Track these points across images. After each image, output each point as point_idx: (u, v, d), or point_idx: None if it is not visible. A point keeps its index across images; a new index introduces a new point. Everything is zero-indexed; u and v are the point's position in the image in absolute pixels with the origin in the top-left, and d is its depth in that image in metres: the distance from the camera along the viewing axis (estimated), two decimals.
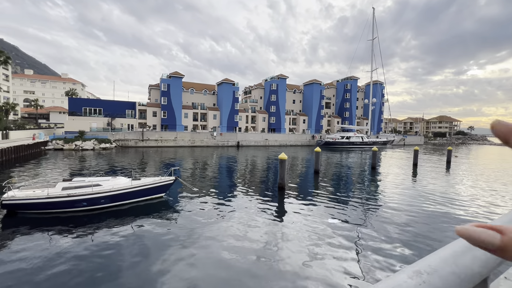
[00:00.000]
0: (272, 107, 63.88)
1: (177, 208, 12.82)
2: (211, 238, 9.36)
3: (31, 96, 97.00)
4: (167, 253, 8.32)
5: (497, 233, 0.25)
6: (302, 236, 9.43)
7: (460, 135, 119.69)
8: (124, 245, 8.80)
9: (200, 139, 49.67)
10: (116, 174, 19.67)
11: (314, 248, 8.46)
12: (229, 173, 22.95)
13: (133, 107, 52.46)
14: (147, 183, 13.00)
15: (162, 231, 9.93)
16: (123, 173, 19.43)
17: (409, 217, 11.66)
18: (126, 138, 44.18)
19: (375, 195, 15.91)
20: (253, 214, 11.84)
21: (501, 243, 0.24)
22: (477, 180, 21.29)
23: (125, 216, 11.53)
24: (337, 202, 13.97)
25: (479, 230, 0.25)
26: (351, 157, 38.78)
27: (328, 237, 9.39)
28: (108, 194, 11.82)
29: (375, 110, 76.39)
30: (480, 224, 0.26)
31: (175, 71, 53.31)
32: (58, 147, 37.03)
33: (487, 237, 0.25)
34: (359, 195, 15.58)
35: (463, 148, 72.05)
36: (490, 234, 0.25)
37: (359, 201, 14.34)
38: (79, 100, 51.09)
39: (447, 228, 10.57)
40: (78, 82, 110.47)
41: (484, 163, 35.55)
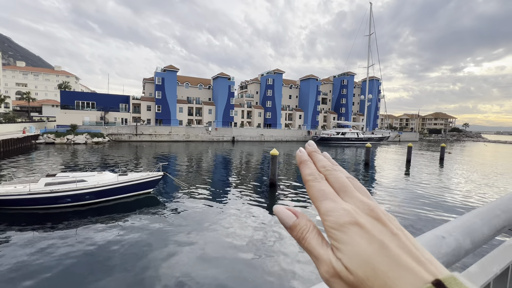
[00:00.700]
0: (268, 102, 63.49)
1: (165, 204, 12.63)
2: (198, 234, 9.23)
3: (24, 88, 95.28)
4: (154, 249, 8.18)
5: (293, 215, 0.30)
6: (285, 233, 9.30)
7: (455, 132, 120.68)
8: (109, 242, 8.63)
9: (195, 134, 49.26)
10: (105, 169, 19.36)
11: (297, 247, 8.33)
12: (221, 169, 22.75)
13: (127, 101, 51.70)
14: (134, 179, 12.74)
15: (149, 227, 9.77)
16: (112, 168, 19.11)
17: (398, 214, 11.61)
18: (120, 132, 43.63)
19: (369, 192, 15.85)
20: (242, 211, 11.69)
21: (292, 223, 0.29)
22: (468, 177, 21.38)
23: (111, 212, 11.32)
24: None
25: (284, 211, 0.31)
26: (345, 153, 38.80)
27: None
28: (93, 190, 11.56)
29: (371, 106, 76.40)
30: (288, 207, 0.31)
31: (170, 65, 52.49)
32: (50, 141, 36.40)
33: (286, 218, 0.30)
34: None
35: (457, 145, 72.65)
36: (289, 216, 0.30)
37: None
38: (72, 93, 50.16)
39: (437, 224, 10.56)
40: (71, 75, 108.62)
41: (477, 160, 35.82)
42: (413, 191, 16.13)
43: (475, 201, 14.37)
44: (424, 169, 24.88)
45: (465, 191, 16.72)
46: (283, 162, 27.66)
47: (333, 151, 41.67)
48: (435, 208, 12.79)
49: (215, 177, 19.02)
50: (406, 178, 20.47)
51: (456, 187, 17.58)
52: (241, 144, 47.24)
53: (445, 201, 14.16)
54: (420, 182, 18.90)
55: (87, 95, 50.76)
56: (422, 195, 15.18)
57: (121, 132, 43.70)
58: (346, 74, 74.74)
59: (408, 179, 20.04)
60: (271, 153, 15.80)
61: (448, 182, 19.02)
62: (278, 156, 15.75)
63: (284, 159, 30.02)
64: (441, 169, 25.54)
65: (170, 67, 51.92)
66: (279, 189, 15.47)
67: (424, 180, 19.65)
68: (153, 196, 13.57)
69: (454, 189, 17.09)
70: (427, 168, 25.85)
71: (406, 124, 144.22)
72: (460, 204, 13.66)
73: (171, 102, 52.33)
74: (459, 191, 16.49)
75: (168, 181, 16.08)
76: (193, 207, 12.08)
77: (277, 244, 8.52)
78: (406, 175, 22.05)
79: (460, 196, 15.29)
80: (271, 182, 15.88)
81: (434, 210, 12.49)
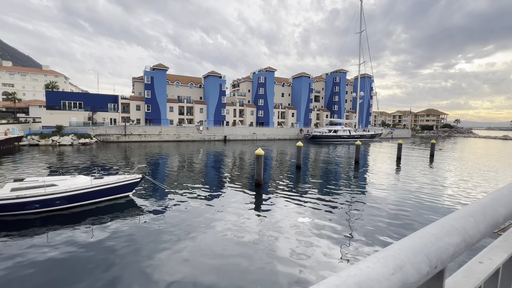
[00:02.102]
0: (260, 100, 62.97)
1: (144, 208, 12.06)
2: (177, 239, 8.81)
3: (10, 89, 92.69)
4: (129, 256, 7.73)
5: None
6: (266, 236, 8.84)
7: (447, 128, 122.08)
8: (80, 248, 8.13)
9: (185, 134, 48.50)
10: (87, 172, 18.65)
11: (276, 249, 7.89)
12: (208, 169, 22.20)
13: (116, 100, 50.56)
14: (109, 182, 12.14)
15: (125, 233, 9.27)
16: (93, 171, 18.39)
17: (387, 212, 11.28)
18: (108, 133, 42.62)
19: (355, 190, 15.52)
20: (225, 213, 11.23)
21: None
22: (459, 173, 21.29)
23: (85, 218, 10.70)
24: (315, 198, 13.49)
25: None
26: (337, 151, 38.60)
27: (295, 237, 8.85)
28: (64, 195, 10.93)
29: (363, 104, 76.55)
30: None
31: (159, 63, 51.47)
32: (34, 142, 35.27)
33: None
34: (338, 191, 15.16)
35: (448, 141, 73.34)
36: None
37: (337, 197, 13.91)
38: (58, 93, 48.79)
39: (426, 220, 10.23)
40: (60, 75, 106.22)
41: (467, 155, 35.99)
42: (403, 188, 15.86)
43: (462, 200, 14.16)
44: (414, 166, 24.75)
45: (453, 188, 16.53)
46: (274, 161, 27.24)
47: (325, 149, 41.44)
48: (421, 207, 12.51)
49: (201, 178, 18.47)
50: (395, 176, 20.25)
51: (444, 184, 17.39)
52: (233, 143, 46.69)
53: (432, 200, 13.91)
54: (409, 179, 18.68)
55: (74, 95, 49.47)
56: (410, 193, 14.92)
57: (109, 133, 42.69)
58: (339, 72, 74.65)
59: (397, 177, 19.82)
60: (256, 152, 15.36)
61: (437, 179, 18.84)
62: (262, 156, 15.31)
63: (276, 158, 29.61)
64: (431, 166, 25.45)
65: (159, 66, 50.92)
66: (265, 189, 15.03)
67: (413, 177, 19.46)
68: (131, 199, 12.98)
69: (442, 186, 16.90)
70: (417, 165, 25.73)
71: (399, 121, 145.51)
72: (446, 203, 13.42)
73: (161, 101, 51.39)
74: (447, 189, 16.29)
75: (150, 184, 15.49)
76: (173, 210, 11.57)
77: (261, 246, 8.06)
78: (396, 172, 21.85)
79: (447, 195, 15.08)
80: (257, 182, 15.45)
81: (420, 209, 12.20)
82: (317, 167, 24.14)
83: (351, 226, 9.95)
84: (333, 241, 8.71)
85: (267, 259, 7.54)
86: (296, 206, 12.24)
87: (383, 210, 11.91)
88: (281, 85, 70.82)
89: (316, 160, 29.04)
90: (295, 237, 8.92)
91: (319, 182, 17.44)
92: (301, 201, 13.02)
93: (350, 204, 12.88)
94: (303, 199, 13.35)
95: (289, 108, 69.06)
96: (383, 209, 12.05)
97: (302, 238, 8.82)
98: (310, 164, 25.76)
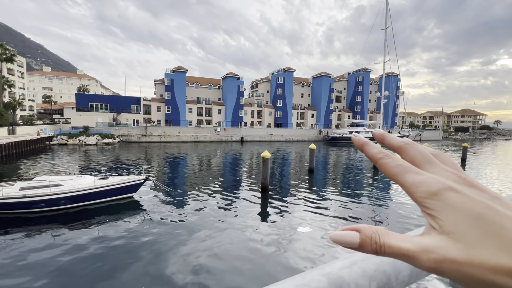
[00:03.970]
0: (278, 101, 62.07)
1: (147, 209, 12.02)
2: (179, 242, 8.67)
3: (49, 92, 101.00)
4: (133, 257, 7.70)
5: (357, 233, 0.26)
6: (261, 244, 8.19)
7: (485, 129, 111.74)
8: (83, 248, 8.23)
9: (203, 134, 49.12)
10: (89, 172, 19.28)
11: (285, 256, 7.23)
12: (219, 171, 21.96)
13: (138, 102, 52.70)
14: (113, 183, 12.25)
15: (128, 234, 9.29)
16: (98, 171, 18.93)
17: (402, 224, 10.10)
18: (130, 133, 44.43)
19: (371, 198, 14.29)
20: (227, 217, 10.84)
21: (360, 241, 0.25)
22: (494, 181, 18.90)
23: (88, 217, 10.87)
24: (324, 206, 12.57)
25: (343, 233, 0.26)
26: (357, 155, 36.63)
27: (290, 249, 8.11)
28: (68, 195, 11.18)
29: (388, 104, 72.44)
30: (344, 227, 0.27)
31: (179, 66, 52.79)
32: (63, 142, 37.73)
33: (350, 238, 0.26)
34: (351, 198, 14.05)
35: (487, 144, 66.82)
36: (352, 234, 0.26)
37: (347, 205, 12.85)
38: (86, 95, 51.98)
39: None
40: (92, 78, 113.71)
41: (507, 161, 32.24)
42: None
43: None
44: None
45: None
46: (288, 163, 26.40)
47: (345, 152, 39.57)
48: None
49: (210, 180, 18.23)
50: None
51: None
52: (250, 144, 46.36)
53: None
54: None
55: (101, 98, 52.38)
56: None
57: (131, 133, 44.49)
58: (362, 71, 71.38)
59: None
60: (262, 155, 14.76)
61: None
62: (269, 159, 14.67)
63: (291, 160, 28.71)
64: None
65: (179, 68, 52.22)
66: (271, 194, 14.38)
67: None
68: (135, 201, 13.03)
69: None
70: None
71: (429, 122, 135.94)
72: None
73: (180, 102, 52.63)
74: None
75: (155, 185, 15.53)
76: (176, 213, 11.39)
77: (261, 253, 7.49)
78: None
79: None
80: (263, 187, 14.83)
81: None
82: (332, 171, 22.90)
83: None
84: (328, 257, 7.85)
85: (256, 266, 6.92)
86: (302, 214, 11.45)
87: (401, 221, 10.71)
88: (301, 85, 69.30)
89: (333, 164, 27.68)
90: (289, 248, 8.18)
91: (332, 188, 16.37)
92: (309, 208, 12.18)
93: (362, 212, 11.78)
94: (311, 206, 12.49)
95: (309, 109, 67.32)
96: (401, 221, 10.83)
97: (296, 250, 8.06)
98: (326, 168, 24.54)
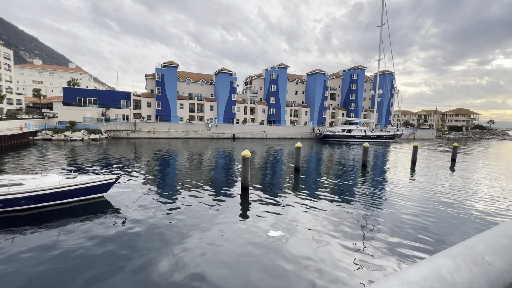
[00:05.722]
0: (272, 98, 61.34)
1: (119, 210, 11.38)
2: (149, 243, 8.25)
3: (40, 86, 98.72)
4: (97, 262, 7.23)
5: None
6: (229, 247, 7.61)
7: (478, 129, 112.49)
8: (43, 249, 7.72)
9: (194, 131, 48.30)
10: (58, 170, 18.49)
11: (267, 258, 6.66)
12: (202, 169, 21.28)
13: (128, 97, 51.54)
14: (80, 182, 11.56)
15: (94, 237, 8.71)
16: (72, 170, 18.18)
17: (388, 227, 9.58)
18: (118, 129, 43.42)
19: (355, 202, 13.78)
20: (199, 220, 10.24)
21: None
22: (482, 181, 18.57)
23: (52, 219, 10.19)
24: (302, 208, 12.03)
25: None
26: (349, 153, 36.24)
27: (253, 257, 7.53)
28: (29, 195, 10.46)
29: (382, 102, 72.21)
30: None
31: (170, 60, 51.63)
32: (47, 137, 36.63)
33: None
34: (335, 201, 13.54)
35: (479, 143, 67.08)
36: None
37: (330, 208, 12.32)
38: (74, 89, 50.62)
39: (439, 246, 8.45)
40: (85, 72, 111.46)
41: (496, 161, 32.12)
42: (415, 199, 13.87)
43: (491, 216, 11.99)
44: (430, 173, 22.19)
45: (476, 202, 14.21)
46: (275, 162, 25.87)
47: (337, 150, 39.15)
48: (432, 222, 10.62)
49: (191, 179, 17.54)
50: (407, 184, 18.07)
51: (465, 197, 15.06)
52: (242, 142, 45.71)
53: (447, 213, 11.89)
54: (423, 190, 16.52)
55: (89, 92, 51.08)
56: (422, 204, 12.94)
57: (119, 129, 43.48)
58: (356, 68, 70.88)
59: (409, 185, 17.66)
60: (242, 154, 14.16)
61: (456, 188, 16.46)
62: (249, 158, 14.07)
63: (279, 158, 28.18)
64: (451, 173, 22.72)
65: (170, 63, 51.08)
66: (252, 194, 13.82)
67: (428, 187, 17.22)
68: (106, 201, 12.35)
69: (462, 199, 14.62)
70: (434, 171, 23.07)
71: (424, 121, 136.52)
72: (469, 220, 11.37)
73: (171, 98, 51.60)
74: (468, 202, 14.02)
75: (129, 185, 14.84)
76: (149, 214, 10.76)
77: (223, 261, 6.91)
78: (409, 180, 19.57)
79: (470, 210, 12.91)
80: (243, 186, 14.26)
81: (431, 225, 10.33)
82: (320, 171, 22.41)
83: (341, 242, 8.44)
84: (309, 267, 7.30)
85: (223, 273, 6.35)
86: (278, 216, 10.90)
87: (384, 224, 10.21)
88: (295, 82, 68.60)
89: (321, 163, 27.21)
90: (253, 256, 7.61)
91: (316, 189, 15.83)
92: (286, 210, 11.63)
93: (344, 216, 11.26)
94: (290, 208, 11.94)
95: (303, 106, 66.74)
96: (385, 222, 10.34)
97: (260, 258, 7.49)
98: (313, 167, 24.04)
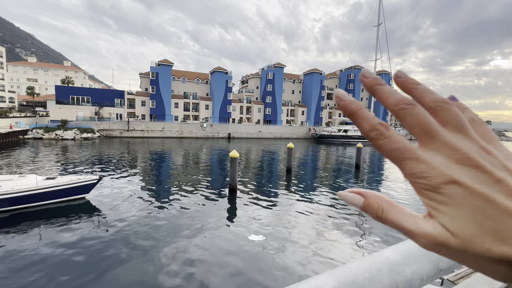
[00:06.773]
0: (268, 97, 61.00)
1: (101, 211, 11.04)
2: (132, 248, 7.94)
3: (34, 84, 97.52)
4: (78, 264, 6.98)
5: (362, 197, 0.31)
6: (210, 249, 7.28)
7: None
8: (19, 256, 7.32)
9: (189, 130, 47.86)
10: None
11: None
12: (193, 170, 20.92)
13: (122, 96, 50.93)
14: (60, 183, 11.16)
15: (75, 240, 8.36)
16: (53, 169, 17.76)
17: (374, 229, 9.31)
18: (111, 128, 42.86)
19: (342, 205, 13.52)
20: (183, 222, 9.92)
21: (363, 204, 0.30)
22: None
23: (30, 221, 9.82)
24: (289, 211, 11.74)
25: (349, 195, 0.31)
26: (344, 153, 36.07)
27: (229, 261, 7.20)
28: (5, 197, 10.05)
29: (379, 102, 72.11)
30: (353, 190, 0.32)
31: (164, 59, 51.10)
32: (38, 136, 36.02)
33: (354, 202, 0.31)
34: (325, 204, 13.26)
35: None
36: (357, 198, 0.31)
37: (319, 211, 12.04)
38: (67, 88, 49.92)
39: None
40: (80, 70, 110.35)
41: None
42: (407, 204, 13.64)
43: None
44: None
45: None
46: (267, 162, 25.59)
47: (333, 150, 38.98)
48: None
49: (180, 180, 17.18)
50: (401, 185, 17.88)
51: None
52: (237, 141, 45.37)
53: None
54: None
55: (82, 90, 50.39)
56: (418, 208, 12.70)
57: (112, 128, 42.93)
58: (354, 68, 70.78)
59: (404, 186, 17.46)
60: (230, 155, 13.85)
61: None
62: (237, 158, 13.76)
63: (272, 159, 27.90)
64: None
65: (164, 61, 50.53)
66: (240, 195, 13.50)
67: None
68: (87, 202, 11.97)
69: None
70: None
71: None
72: None
73: (165, 97, 51.07)
74: None
75: (114, 185, 14.47)
76: (129, 217, 10.38)
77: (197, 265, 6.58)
78: (405, 180, 19.38)
79: None
80: (231, 188, 13.93)
81: None
82: (312, 172, 22.15)
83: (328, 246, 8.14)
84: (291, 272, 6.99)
85: None
86: (263, 219, 10.58)
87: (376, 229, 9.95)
88: (292, 81, 68.32)
89: (315, 163, 26.97)
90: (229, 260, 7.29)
91: (306, 191, 15.54)
92: (273, 213, 11.33)
93: (334, 221, 10.98)
94: (276, 211, 11.65)
95: (299, 106, 66.50)
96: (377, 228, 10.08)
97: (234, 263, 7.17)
98: (306, 168, 23.77)
